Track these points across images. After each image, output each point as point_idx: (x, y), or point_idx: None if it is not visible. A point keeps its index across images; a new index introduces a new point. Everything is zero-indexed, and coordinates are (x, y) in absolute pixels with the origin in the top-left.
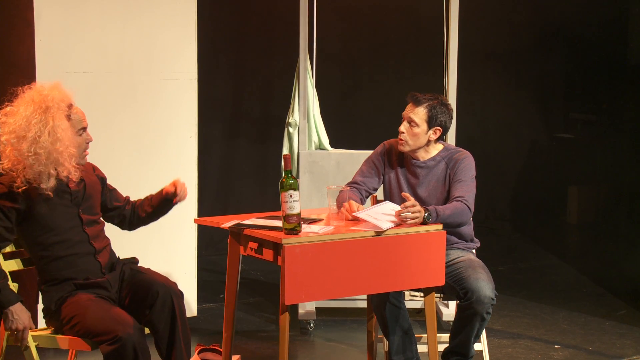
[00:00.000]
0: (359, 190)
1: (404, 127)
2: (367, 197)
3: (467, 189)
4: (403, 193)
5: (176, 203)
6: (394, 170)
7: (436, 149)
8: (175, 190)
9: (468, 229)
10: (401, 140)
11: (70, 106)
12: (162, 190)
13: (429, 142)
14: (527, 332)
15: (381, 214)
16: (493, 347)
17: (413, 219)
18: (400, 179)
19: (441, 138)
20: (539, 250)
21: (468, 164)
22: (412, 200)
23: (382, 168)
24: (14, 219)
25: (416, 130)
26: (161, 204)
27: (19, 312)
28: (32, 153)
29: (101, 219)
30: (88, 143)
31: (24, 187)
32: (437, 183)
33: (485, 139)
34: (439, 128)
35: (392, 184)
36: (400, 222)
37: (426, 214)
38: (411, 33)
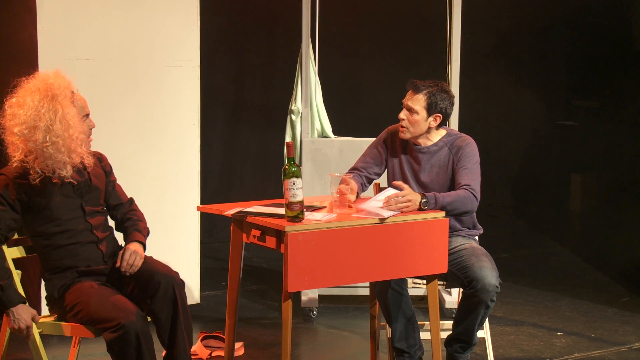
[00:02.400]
0: (360, 175)
1: (403, 114)
2: (368, 183)
3: (472, 176)
4: (394, 182)
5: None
6: (397, 156)
7: (439, 134)
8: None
9: (471, 216)
10: (402, 127)
11: (72, 93)
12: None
13: (430, 129)
14: (530, 319)
15: (384, 201)
16: (495, 333)
17: (405, 207)
18: (403, 165)
19: (443, 124)
20: (541, 238)
21: (471, 150)
22: (405, 189)
23: (385, 154)
24: (19, 210)
25: (416, 117)
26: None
27: (20, 312)
28: (49, 142)
29: (104, 209)
30: (91, 129)
31: (39, 178)
32: (439, 169)
33: (488, 126)
34: (439, 115)
35: (395, 169)
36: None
37: (423, 200)
38: (414, 20)
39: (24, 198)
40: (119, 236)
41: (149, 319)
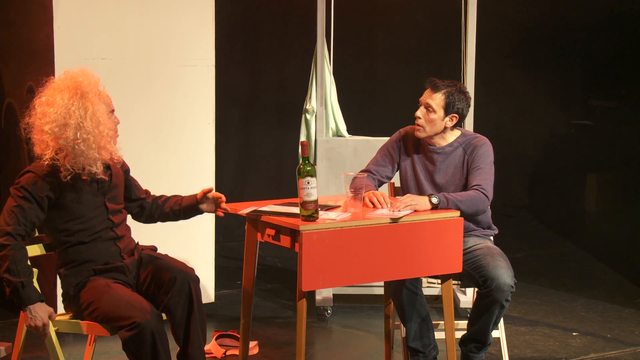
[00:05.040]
0: (373, 179)
1: (420, 112)
2: (380, 186)
3: (484, 177)
4: (390, 197)
5: (201, 211)
6: (410, 157)
7: (454, 135)
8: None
9: (485, 216)
10: (418, 125)
11: (100, 90)
12: (196, 195)
13: (445, 129)
14: (545, 319)
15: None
16: (511, 334)
17: (414, 205)
18: (417, 167)
19: (458, 125)
20: (556, 238)
21: (486, 150)
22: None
23: (397, 156)
24: (46, 207)
25: (432, 116)
26: (189, 207)
27: (37, 309)
28: (80, 139)
29: (123, 208)
30: (117, 125)
31: (70, 175)
32: (454, 169)
33: (503, 125)
34: (456, 115)
35: (407, 171)
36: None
37: (434, 199)
38: (430, 20)
39: (52, 196)
40: (138, 232)
41: (164, 316)
